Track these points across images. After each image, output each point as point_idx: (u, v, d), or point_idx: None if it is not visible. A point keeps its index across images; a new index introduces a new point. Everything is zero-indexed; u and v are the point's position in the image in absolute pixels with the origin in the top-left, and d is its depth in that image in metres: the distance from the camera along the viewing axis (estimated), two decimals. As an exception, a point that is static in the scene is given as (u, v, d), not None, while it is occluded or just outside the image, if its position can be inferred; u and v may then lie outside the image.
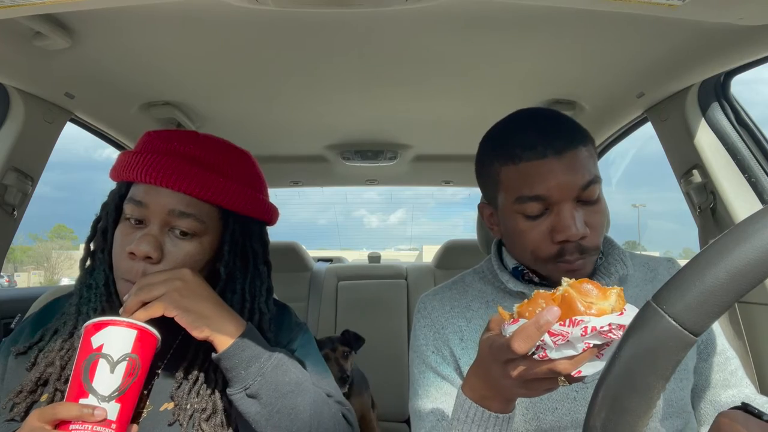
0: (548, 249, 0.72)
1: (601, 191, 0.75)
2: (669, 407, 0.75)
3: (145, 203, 0.74)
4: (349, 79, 1.19)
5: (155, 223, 0.74)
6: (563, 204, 0.70)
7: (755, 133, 1.15)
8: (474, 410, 0.59)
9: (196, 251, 0.76)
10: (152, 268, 0.73)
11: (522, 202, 0.72)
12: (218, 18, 0.87)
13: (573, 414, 0.73)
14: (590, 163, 0.72)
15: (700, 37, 0.92)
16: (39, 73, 1.05)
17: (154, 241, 0.73)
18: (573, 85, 1.23)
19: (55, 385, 0.72)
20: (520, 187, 0.72)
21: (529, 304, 0.51)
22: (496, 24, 0.92)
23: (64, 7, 0.71)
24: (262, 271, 0.83)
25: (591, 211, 0.72)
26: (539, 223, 0.72)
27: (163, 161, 0.74)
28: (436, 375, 0.80)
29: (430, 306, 0.85)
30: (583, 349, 0.47)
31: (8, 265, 2.71)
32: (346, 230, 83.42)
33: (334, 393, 0.83)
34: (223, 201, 0.77)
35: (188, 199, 0.74)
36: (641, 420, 0.37)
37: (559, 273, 0.74)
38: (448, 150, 1.84)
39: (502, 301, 0.82)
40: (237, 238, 0.80)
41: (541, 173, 0.70)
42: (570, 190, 0.70)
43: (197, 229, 0.76)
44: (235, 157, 0.81)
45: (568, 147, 0.70)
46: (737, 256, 0.34)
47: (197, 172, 0.75)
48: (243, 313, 0.77)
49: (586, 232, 0.70)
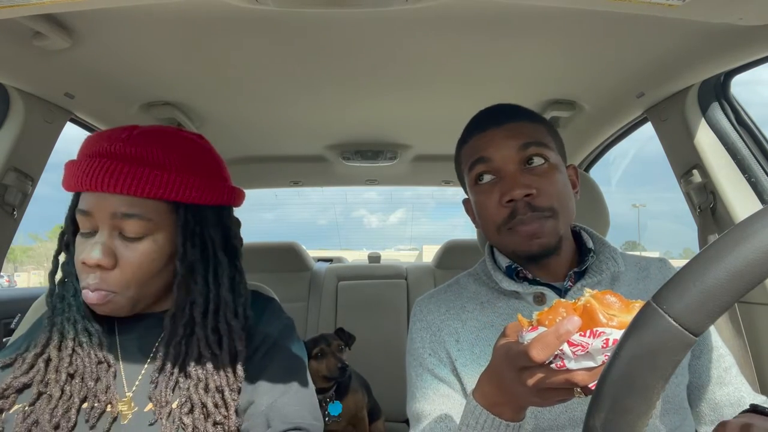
0: (500, 213, 0.77)
1: (561, 168, 0.80)
2: (666, 404, 0.75)
3: (89, 211, 0.73)
4: (350, 79, 1.19)
5: (103, 230, 0.73)
6: (506, 166, 0.77)
7: (755, 133, 1.15)
8: (485, 417, 0.59)
9: (151, 250, 0.74)
10: (108, 274, 0.72)
11: (472, 169, 0.80)
12: (218, 18, 0.87)
13: (570, 412, 0.73)
14: (533, 131, 0.79)
15: (700, 37, 0.92)
16: (39, 73, 1.05)
17: (103, 248, 0.72)
18: (573, 85, 1.23)
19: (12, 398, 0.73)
20: (469, 156, 0.81)
21: (550, 312, 0.50)
22: (496, 24, 0.92)
23: (64, 7, 0.71)
24: (222, 258, 0.79)
25: (539, 176, 0.77)
26: (492, 192, 0.78)
27: (95, 165, 0.72)
28: (434, 377, 0.80)
29: (425, 309, 0.86)
30: (603, 361, 0.46)
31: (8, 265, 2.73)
32: (346, 230, 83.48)
33: (297, 408, 0.77)
34: (164, 194, 0.73)
35: (128, 199, 0.72)
36: (641, 420, 0.37)
37: (517, 241, 0.77)
38: (448, 150, 1.83)
39: (497, 302, 0.82)
40: (191, 229, 0.77)
41: (483, 141, 0.80)
42: (507, 150, 0.77)
43: (146, 228, 0.74)
44: (175, 146, 0.77)
45: (509, 119, 0.80)
46: (737, 256, 0.34)
47: (130, 169, 0.71)
48: (207, 303, 0.77)
49: (531, 191, 0.75)
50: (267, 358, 0.80)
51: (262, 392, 0.76)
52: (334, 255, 3.93)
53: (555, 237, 0.77)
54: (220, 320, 0.77)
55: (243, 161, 1.92)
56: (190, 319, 0.76)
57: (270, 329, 0.83)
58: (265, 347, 0.81)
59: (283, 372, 0.79)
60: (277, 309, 0.88)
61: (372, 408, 1.97)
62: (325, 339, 1.82)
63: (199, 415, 0.72)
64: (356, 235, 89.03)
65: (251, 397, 0.76)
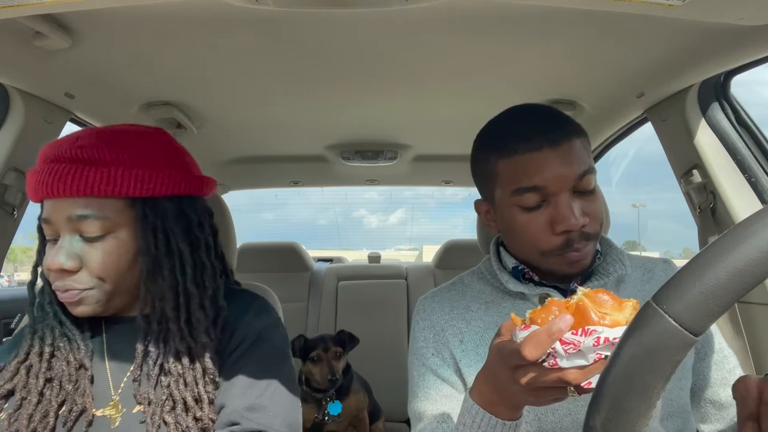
0: (551, 241, 0.73)
1: (596, 182, 0.76)
2: (668, 407, 0.75)
3: (48, 219, 0.74)
4: (350, 79, 1.19)
5: (64, 235, 0.74)
6: (560, 195, 0.71)
7: (755, 133, 1.15)
8: (481, 416, 0.59)
9: (114, 249, 0.74)
10: (74, 277, 0.73)
11: (519, 194, 0.73)
12: (218, 18, 0.87)
13: (574, 415, 0.73)
14: (584, 154, 0.73)
15: (700, 37, 0.92)
16: (39, 73, 1.05)
17: (65, 252, 0.72)
18: (573, 85, 1.23)
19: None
20: (517, 179, 0.73)
21: (542, 310, 0.51)
22: (496, 24, 0.92)
23: (64, 7, 0.71)
24: (183, 249, 0.78)
25: (588, 200, 0.73)
26: (538, 216, 0.73)
27: (45, 171, 0.73)
28: (436, 377, 0.79)
29: (429, 308, 0.85)
30: (594, 359, 0.47)
31: (8, 265, 2.73)
32: (346, 230, 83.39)
33: (261, 407, 0.75)
34: (116, 191, 0.73)
35: (82, 200, 0.72)
36: (641, 420, 0.37)
37: (563, 265, 0.74)
38: (448, 150, 1.84)
39: (502, 302, 0.82)
40: (151, 223, 0.76)
41: (537, 164, 0.71)
42: (566, 180, 0.71)
43: (105, 227, 0.74)
44: (127, 143, 0.76)
45: (563, 139, 0.72)
46: (737, 256, 0.34)
47: (77, 171, 0.72)
48: (177, 297, 0.76)
49: (586, 221, 0.72)
50: (249, 353, 0.79)
51: (240, 391, 0.75)
52: (334, 255, 3.93)
53: (591, 259, 0.76)
54: (192, 313, 0.77)
55: (243, 161, 1.92)
56: (162, 315, 0.76)
57: (255, 323, 0.82)
58: (249, 341, 0.80)
59: (264, 368, 0.78)
60: (264, 305, 0.87)
61: (372, 409, 1.97)
62: (323, 342, 1.80)
63: (181, 411, 0.72)
64: (356, 235, 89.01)
65: (228, 393, 0.76)
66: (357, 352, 1.90)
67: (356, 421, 1.85)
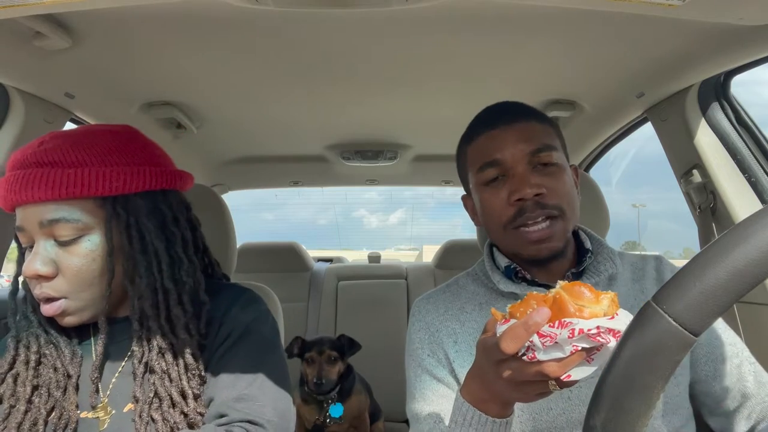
0: (508, 211, 0.76)
1: (566, 169, 0.79)
2: (665, 405, 0.75)
3: (21, 227, 0.73)
4: (350, 79, 1.19)
5: (38, 241, 0.73)
6: (516, 167, 0.76)
7: (755, 133, 1.15)
8: (472, 413, 0.59)
9: (89, 251, 0.73)
10: (51, 284, 0.72)
11: (482, 171, 0.79)
12: (218, 18, 0.87)
13: (568, 414, 0.73)
14: (544, 135, 0.78)
15: (700, 37, 0.92)
16: (39, 73, 1.05)
17: (40, 258, 0.71)
18: (573, 85, 1.23)
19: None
20: (480, 158, 0.79)
21: (521, 305, 0.51)
22: (496, 24, 0.92)
23: (64, 7, 0.71)
24: (158, 246, 0.76)
25: (548, 176, 0.76)
26: (499, 190, 0.77)
27: (11, 179, 0.71)
28: (432, 378, 0.80)
29: (424, 309, 0.86)
30: (571, 351, 0.47)
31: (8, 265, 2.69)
32: (346, 230, 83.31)
33: (249, 397, 0.75)
34: (83, 191, 0.71)
35: (51, 204, 0.71)
36: (641, 420, 0.37)
37: (524, 243, 0.76)
38: (448, 150, 1.83)
39: (495, 303, 0.82)
40: (124, 221, 0.75)
41: (494, 141, 0.78)
42: (521, 153, 0.76)
43: (77, 230, 0.72)
44: (92, 143, 0.74)
45: (520, 119, 0.78)
46: (737, 256, 0.34)
47: (42, 175, 0.70)
48: (156, 294, 0.76)
49: (541, 190, 0.74)
50: (236, 346, 0.79)
51: (228, 383, 0.75)
52: (334, 255, 3.92)
53: (563, 239, 0.77)
54: (171, 309, 0.76)
55: (243, 161, 1.92)
56: (141, 314, 0.75)
57: (242, 316, 0.81)
58: (236, 334, 0.79)
59: (252, 359, 0.78)
60: (251, 297, 0.86)
61: (373, 410, 1.97)
62: (320, 345, 1.78)
63: (168, 408, 0.72)
64: (356, 235, 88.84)
65: (217, 386, 0.75)
66: (357, 352, 1.90)
67: (357, 422, 1.85)
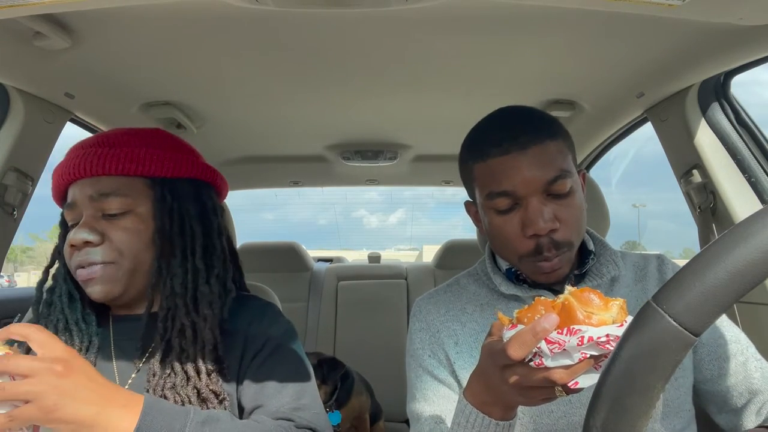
0: (524, 244, 0.73)
1: (578, 186, 0.75)
2: (665, 407, 0.74)
3: (73, 202, 0.79)
4: (350, 79, 1.19)
5: (87, 214, 0.77)
6: (530, 198, 0.71)
7: (755, 133, 1.15)
8: (475, 416, 0.59)
9: (134, 224, 0.78)
10: (96, 249, 0.75)
11: (492, 198, 0.74)
12: (218, 18, 0.87)
13: (569, 417, 0.73)
14: (559, 157, 0.73)
15: (700, 37, 0.92)
16: (39, 73, 1.05)
17: (87, 226, 0.76)
18: (573, 85, 1.23)
19: None
20: (489, 183, 0.74)
21: (529, 310, 0.51)
22: (496, 24, 0.92)
23: (64, 7, 0.71)
24: (196, 230, 0.82)
25: (562, 204, 0.73)
26: (511, 218, 0.73)
27: (70, 158, 0.79)
28: (433, 378, 0.80)
29: (425, 309, 0.85)
30: (579, 359, 0.47)
31: (8, 265, 2.72)
32: (346, 230, 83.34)
33: (305, 406, 0.77)
34: (136, 170, 0.79)
35: (104, 179, 0.78)
36: (641, 420, 0.37)
37: (537, 273, 0.75)
38: (448, 150, 1.84)
39: (497, 304, 0.82)
40: (168, 204, 0.80)
41: (506, 169, 0.72)
42: (535, 183, 0.71)
43: (126, 204, 0.78)
44: (144, 133, 0.84)
45: (533, 142, 0.72)
46: (737, 256, 0.34)
47: (101, 152, 0.78)
48: (186, 273, 0.78)
49: (555, 225, 0.71)
50: (272, 361, 0.80)
51: (271, 394, 0.76)
52: (334, 255, 3.93)
53: (570, 264, 0.77)
54: (198, 287, 0.79)
55: (243, 161, 1.92)
56: (171, 291, 0.77)
57: (272, 331, 0.83)
58: (269, 349, 0.80)
59: (294, 374, 0.79)
60: (277, 312, 0.89)
61: (374, 410, 1.96)
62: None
63: (182, 383, 0.73)
64: (356, 235, 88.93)
65: (258, 400, 0.76)
66: (357, 352, 1.90)
67: (358, 422, 1.85)
